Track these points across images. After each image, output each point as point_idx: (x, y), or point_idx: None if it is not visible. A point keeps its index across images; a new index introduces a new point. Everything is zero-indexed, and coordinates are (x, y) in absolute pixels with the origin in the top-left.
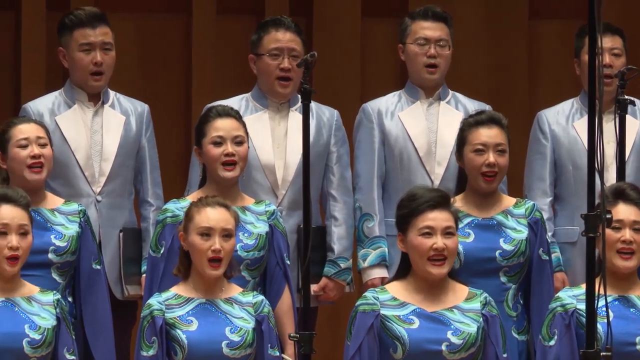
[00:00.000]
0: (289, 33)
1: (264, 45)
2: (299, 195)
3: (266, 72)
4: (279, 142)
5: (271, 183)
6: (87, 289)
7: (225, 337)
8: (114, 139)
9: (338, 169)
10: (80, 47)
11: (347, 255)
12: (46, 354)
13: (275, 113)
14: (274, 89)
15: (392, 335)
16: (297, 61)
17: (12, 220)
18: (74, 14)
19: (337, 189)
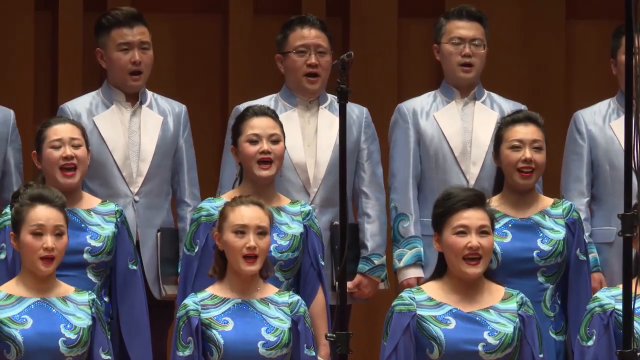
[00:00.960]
0: (314, 30)
1: (290, 42)
2: (331, 193)
3: (293, 70)
4: (310, 140)
5: (303, 181)
6: (124, 289)
7: (261, 337)
8: (152, 139)
9: (369, 166)
10: (118, 46)
11: (380, 251)
12: (81, 354)
13: (305, 111)
14: (302, 86)
15: (428, 335)
16: (324, 57)
17: (47, 221)
18: (111, 14)
19: (369, 186)
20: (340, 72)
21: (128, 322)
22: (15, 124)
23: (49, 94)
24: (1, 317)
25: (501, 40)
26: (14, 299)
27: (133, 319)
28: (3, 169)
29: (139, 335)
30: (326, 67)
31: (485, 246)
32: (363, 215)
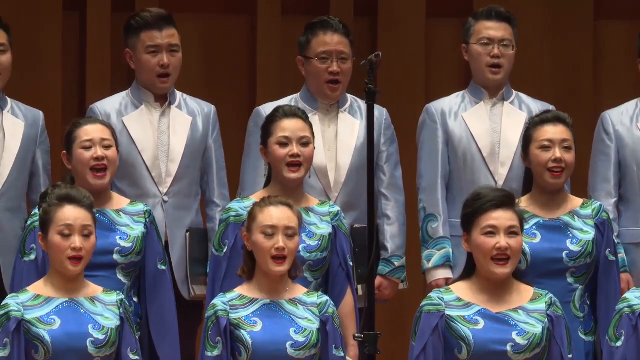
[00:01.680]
0: (337, 35)
1: (312, 48)
2: (352, 196)
3: (315, 76)
4: (330, 144)
5: (324, 185)
6: (153, 289)
7: (290, 338)
8: (181, 139)
9: (388, 168)
10: (146, 49)
11: (400, 253)
12: (110, 354)
13: (325, 115)
14: (323, 92)
15: (457, 335)
16: (346, 64)
17: (75, 221)
18: (140, 16)
19: (388, 187)
20: (368, 72)
21: (157, 323)
22: (44, 126)
23: (77, 94)
24: (29, 318)
25: (530, 41)
26: (42, 299)
27: (162, 319)
28: (32, 170)
29: (168, 335)
30: (347, 74)
31: (514, 247)
32: (383, 217)
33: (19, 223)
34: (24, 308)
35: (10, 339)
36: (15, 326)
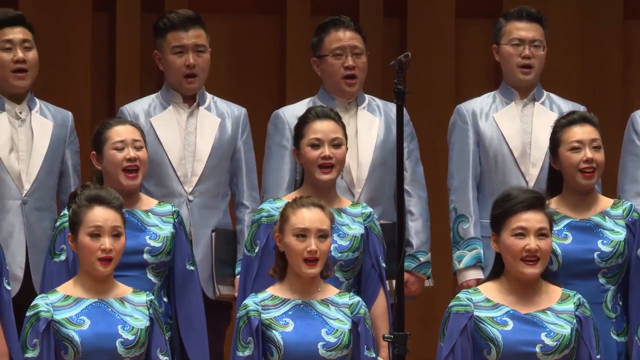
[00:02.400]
0: (349, 31)
1: (325, 46)
2: (375, 192)
3: (331, 73)
4: (351, 141)
5: (347, 182)
6: (182, 289)
7: (322, 339)
8: (208, 140)
9: (409, 165)
10: (172, 49)
11: (425, 248)
12: (139, 355)
13: (344, 113)
14: (341, 89)
15: (485, 336)
16: (360, 58)
17: (105, 222)
18: (167, 17)
19: (411, 184)
20: (397, 72)
21: (186, 322)
22: (73, 126)
23: (106, 95)
24: (59, 318)
25: (559, 41)
26: (71, 299)
27: (191, 319)
28: (61, 170)
29: (197, 335)
30: (363, 68)
31: (543, 249)
32: (406, 214)
33: (49, 223)
34: (54, 308)
35: (39, 340)
36: (45, 327)
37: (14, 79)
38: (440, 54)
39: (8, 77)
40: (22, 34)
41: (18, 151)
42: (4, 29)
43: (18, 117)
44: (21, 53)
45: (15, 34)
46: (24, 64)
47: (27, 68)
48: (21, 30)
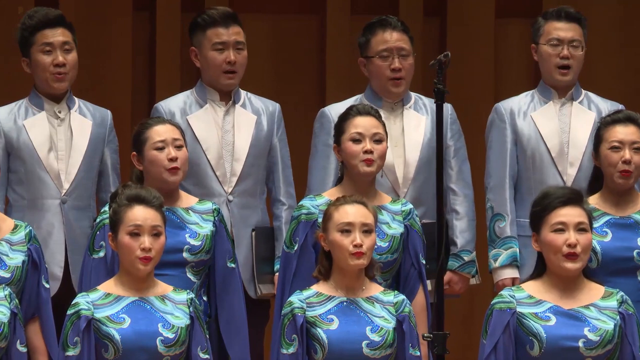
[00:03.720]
0: (396, 32)
1: (372, 47)
2: (420, 192)
3: (377, 74)
4: (396, 141)
5: (392, 182)
6: (222, 287)
7: (366, 337)
8: (246, 138)
9: (456, 163)
10: (213, 46)
11: (470, 247)
12: (179, 353)
13: (390, 113)
14: (387, 90)
15: (528, 332)
16: (407, 60)
17: (145, 222)
18: (207, 14)
19: (457, 182)
20: (437, 72)
21: (227, 321)
22: (112, 125)
23: (146, 94)
24: (99, 316)
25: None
26: (112, 298)
27: (232, 318)
28: (100, 169)
29: (238, 333)
30: (409, 70)
31: (583, 243)
32: (451, 212)
33: (88, 222)
34: (94, 307)
35: (80, 338)
36: (86, 325)
37: (54, 81)
38: (479, 53)
39: (48, 79)
40: (63, 36)
41: (57, 150)
42: (44, 30)
43: (57, 116)
44: (61, 56)
45: (55, 36)
46: (64, 68)
47: (66, 71)
48: (62, 31)
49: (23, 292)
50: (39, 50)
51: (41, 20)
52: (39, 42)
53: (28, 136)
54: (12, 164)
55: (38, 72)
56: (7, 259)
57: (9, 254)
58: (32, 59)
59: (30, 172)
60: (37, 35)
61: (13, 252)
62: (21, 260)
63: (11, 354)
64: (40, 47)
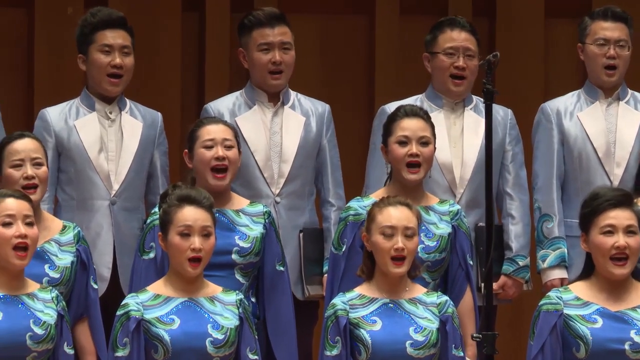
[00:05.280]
0: (464, 32)
1: (439, 43)
2: (477, 193)
3: (440, 70)
4: (455, 141)
5: (449, 182)
6: (271, 290)
7: (410, 337)
8: (294, 140)
9: (513, 168)
10: (258, 46)
11: (524, 252)
12: (229, 354)
13: (450, 112)
14: (448, 87)
15: (575, 334)
16: (472, 60)
17: (195, 222)
18: (252, 15)
19: (513, 187)
20: (486, 72)
21: (275, 323)
22: (162, 127)
23: (196, 95)
24: (149, 317)
25: None
26: (161, 299)
27: (279, 320)
28: (149, 171)
29: (285, 335)
30: (473, 71)
31: (632, 246)
32: (507, 217)
33: (137, 223)
34: (144, 308)
35: (130, 339)
36: (135, 326)
37: (108, 84)
38: (529, 53)
39: (102, 81)
40: (122, 39)
41: (107, 151)
42: (105, 30)
43: (108, 117)
44: (119, 58)
45: (116, 38)
46: (120, 70)
47: (122, 74)
48: (122, 34)
49: (72, 293)
50: (97, 50)
51: (103, 20)
52: (99, 41)
53: (79, 136)
54: (62, 164)
55: (93, 72)
56: (56, 260)
57: (58, 255)
58: (89, 57)
59: (80, 172)
60: (98, 34)
61: (62, 253)
62: (70, 261)
63: (58, 356)
64: (99, 46)
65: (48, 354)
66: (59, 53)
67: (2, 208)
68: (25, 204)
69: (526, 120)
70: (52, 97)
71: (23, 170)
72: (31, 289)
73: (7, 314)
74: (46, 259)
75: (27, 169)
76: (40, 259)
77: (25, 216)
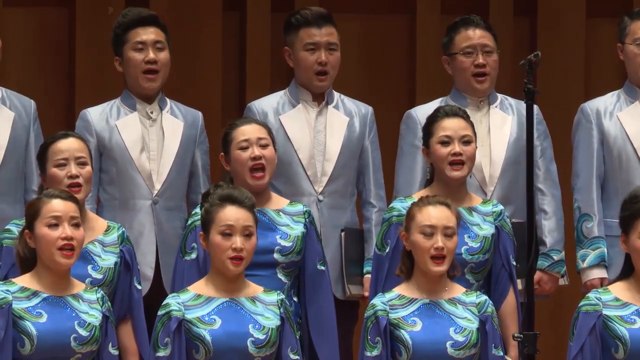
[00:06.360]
0: (479, 30)
1: (456, 44)
2: (508, 191)
3: (461, 70)
4: (483, 139)
5: (479, 181)
6: (312, 289)
7: (450, 337)
8: (337, 139)
9: (543, 163)
10: (305, 46)
11: (559, 247)
12: (270, 354)
13: (476, 112)
14: (472, 86)
15: (614, 335)
16: (491, 56)
17: (237, 222)
18: (300, 14)
19: (544, 182)
20: (527, 72)
21: (316, 322)
22: (203, 126)
23: (237, 95)
24: (190, 317)
25: None
26: (203, 299)
27: (321, 319)
28: (191, 170)
29: (327, 335)
30: (494, 66)
31: None
32: (540, 212)
33: (179, 223)
34: (185, 308)
35: (171, 339)
36: (176, 326)
37: (145, 80)
38: (570, 53)
39: (139, 78)
40: (155, 35)
41: (149, 151)
42: (137, 28)
43: (149, 117)
44: (152, 53)
45: (147, 34)
46: (155, 65)
47: (157, 69)
48: (154, 30)
49: (115, 293)
50: (131, 48)
51: (134, 19)
52: (132, 40)
53: (120, 136)
54: (104, 164)
55: (130, 70)
56: (100, 260)
57: (102, 255)
58: (124, 57)
59: (122, 172)
60: (130, 33)
61: (105, 254)
62: (113, 262)
63: (103, 357)
64: (132, 44)
65: (92, 356)
66: (100, 53)
67: (48, 209)
68: (71, 205)
69: (567, 119)
70: (94, 98)
71: (67, 170)
72: (77, 289)
73: (51, 316)
74: (89, 260)
75: (71, 168)
76: (84, 260)
77: (71, 217)
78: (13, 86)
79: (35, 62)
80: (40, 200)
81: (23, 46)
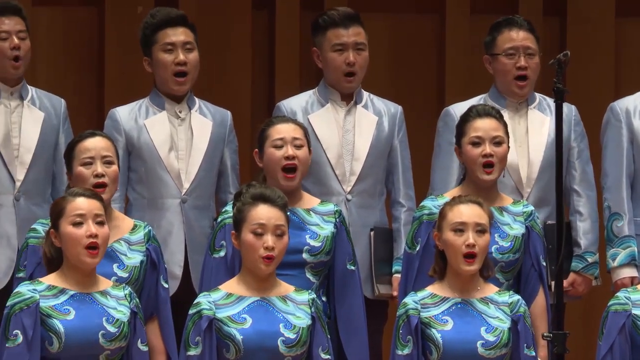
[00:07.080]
0: (522, 31)
1: (498, 45)
2: (545, 192)
3: (502, 72)
4: (521, 140)
5: (515, 182)
6: (341, 289)
7: (481, 337)
8: (366, 138)
9: (580, 164)
10: (333, 47)
11: (593, 249)
12: (301, 353)
13: (514, 112)
14: (512, 89)
15: None
16: (533, 59)
17: (269, 221)
18: (327, 14)
19: (580, 184)
20: (556, 71)
21: (346, 322)
22: (232, 125)
23: (266, 94)
24: (221, 316)
25: None
26: (233, 298)
27: (350, 319)
28: (220, 169)
29: (356, 335)
30: (535, 69)
31: None
32: (575, 214)
33: (208, 222)
34: (216, 307)
35: (202, 337)
36: (207, 325)
37: (175, 83)
38: (599, 52)
39: (169, 80)
40: (184, 36)
41: (178, 150)
42: (166, 29)
43: (178, 116)
44: (182, 55)
45: (177, 35)
46: (185, 66)
47: (187, 70)
48: (183, 31)
49: (142, 292)
50: (160, 49)
51: (163, 19)
52: (161, 41)
53: (149, 135)
54: (133, 163)
55: (159, 71)
56: (125, 259)
57: (127, 254)
58: (153, 57)
59: (150, 171)
60: (159, 34)
61: (131, 252)
62: (139, 261)
63: (132, 353)
64: (161, 45)
65: (121, 352)
66: (129, 52)
67: (72, 207)
68: (96, 203)
69: (596, 119)
70: (123, 97)
71: (93, 168)
72: (103, 286)
73: (79, 312)
74: (115, 258)
75: (97, 167)
76: (109, 259)
77: (95, 215)
78: (42, 85)
79: (64, 61)
80: (65, 199)
81: (52, 45)
